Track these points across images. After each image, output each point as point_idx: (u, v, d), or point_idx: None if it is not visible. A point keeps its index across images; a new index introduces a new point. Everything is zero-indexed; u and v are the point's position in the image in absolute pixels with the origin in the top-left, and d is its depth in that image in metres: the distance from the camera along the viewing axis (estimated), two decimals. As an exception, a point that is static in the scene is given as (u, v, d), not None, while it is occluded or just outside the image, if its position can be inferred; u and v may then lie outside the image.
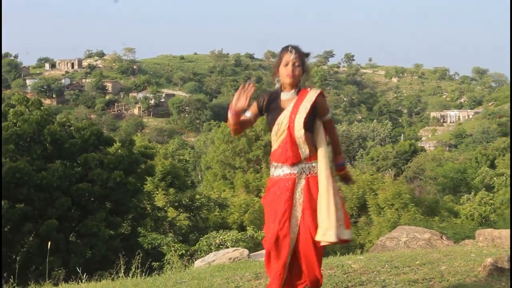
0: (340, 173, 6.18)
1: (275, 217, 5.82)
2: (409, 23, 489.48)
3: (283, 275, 5.83)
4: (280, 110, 5.88)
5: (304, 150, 5.84)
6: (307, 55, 5.96)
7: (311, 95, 5.88)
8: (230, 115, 5.84)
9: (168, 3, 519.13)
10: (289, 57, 5.82)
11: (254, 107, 6.00)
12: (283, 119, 5.84)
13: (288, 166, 5.86)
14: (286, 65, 5.84)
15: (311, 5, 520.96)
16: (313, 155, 5.90)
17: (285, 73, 5.85)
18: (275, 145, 5.97)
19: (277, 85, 6.00)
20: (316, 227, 5.81)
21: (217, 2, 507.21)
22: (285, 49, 5.90)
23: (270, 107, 5.95)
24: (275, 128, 5.88)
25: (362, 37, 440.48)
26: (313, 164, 5.90)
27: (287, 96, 5.92)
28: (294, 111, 5.82)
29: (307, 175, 5.88)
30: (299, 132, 5.79)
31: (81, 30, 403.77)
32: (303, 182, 5.87)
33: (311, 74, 6.13)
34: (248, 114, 6.00)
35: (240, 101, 5.74)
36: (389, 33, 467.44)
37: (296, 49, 5.88)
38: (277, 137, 5.91)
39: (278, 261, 5.81)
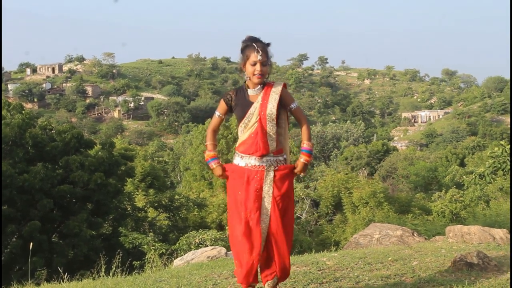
0: (306, 159, 6.08)
1: (246, 208, 5.86)
2: (380, 26, 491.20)
3: (256, 265, 5.86)
4: (249, 103, 5.92)
5: (273, 142, 5.90)
6: (269, 45, 5.97)
7: (277, 87, 5.94)
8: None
9: (146, 9, 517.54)
10: (256, 57, 5.82)
11: (222, 105, 6.07)
12: (253, 112, 5.88)
13: (256, 158, 5.89)
14: (254, 64, 5.83)
15: (286, 10, 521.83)
16: (279, 149, 5.98)
17: (253, 72, 5.86)
18: (243, 137, 5.99)
19: (245, 79, 6.02)
20: (288, 220, 5.96)
21: (194, 7, 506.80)
22: (251, 47, 5.86)
23: (239, 102, 5.98)
24: (245, 120, 5.92)
25: (335, 40, 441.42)
26: (280, 158, 5.99)
27: (254, 92, 5.95)
28: (264, 104, 5.87)
29: (275, 167, 5.92)
30: (271, 123, 5.86)
31: (62, 35, 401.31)
32: (271, 174, 5.91)
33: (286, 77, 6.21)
34: (218, 114, 6.10)
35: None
36: (361, 36, 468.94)
37: (262, 48, 5.86)
38: (246, 129, 5.93)
39: (252, 252, 5.83)
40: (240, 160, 6.00)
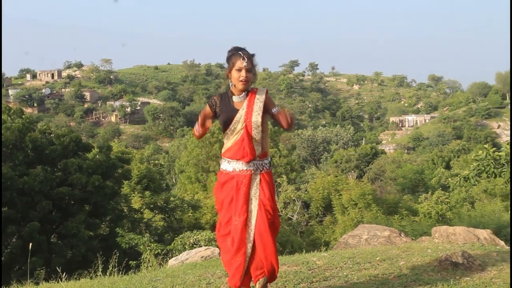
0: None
1: (235, 211, 5.89)
2: (368, 33, 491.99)
3: (243, 266, 5.88)
4: (234, 110, 5.95)
5: (258, 147, 5.93)
6: (253, 55, 6.00)
7: (261, 94, 5.97)
8: (198, 128, 6.06)
9: (142, 17, 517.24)
10: (242, 63, 5.87)
11: (208, 110, 6.09)
12: (239, 119, 5.91)
13: (243, 163, 5.92)
14: (239, 70, 5.87)
15: (279, 17, 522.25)
16: (264, 152, 6.01)
17: (238, 79, 5.89)
18: (229, 143, 6.02)
19: (230, 85, 6.05)
20: (274, 221, 5.98)
21: (188, 15, 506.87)
22: (237, 55, 5.91)
23: (223, 108, 6.00)
24: (231, 127, 5.94)
25: (325, 47, 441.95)
26: (265, 161, 6.03)
27: (238, 99, 5.98)
28: (249, 111, 5.90)
29: (261, 171, 5.97)
30: (258, 128, 5.88)
31: (61, 42, 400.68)
32: (258, 177, 5.95)
33: (277, 82, 6.22)
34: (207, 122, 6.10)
35: (205, 121, 6.03)
36: (350, 42, 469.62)
37: (247, 55, 5.91)
38: (232, 136, 5.96)
39: (239, 252, 5.86)
40: (228, 165, 6.04)
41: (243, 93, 5.98)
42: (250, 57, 5.94)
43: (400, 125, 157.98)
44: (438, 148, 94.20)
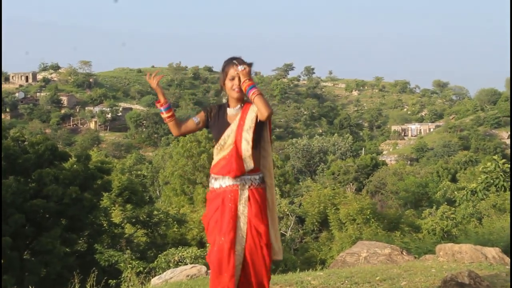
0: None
1: (220, 230, 5.88)
2: (368, 35, 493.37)
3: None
4: (226, 124, 5.98)
5: (249, 164, 5.92)
6: (251, 65, 5.99)
7: (255, 106, 5.91)
8: (161, 113, 6.14)
9: (126, 16, 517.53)
10: (234, 72, 5.89)
11: (201, 115, 6.11)
12: (229, 134, 5.93)
13: (230, 178, 5.92)
14: (232, 79, 5.90)
15: (271, 18, 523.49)
16: (256, 168, 6.00)
17: (231, 87, 5.93)
18: (218, 158, 6.01)
19: (224, 100, 6.07)
20: (264, 237, 5.93)
21: (175, 13, 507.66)
22: (230, 63, 5.95)
23: (217, 121, 6.04)
24: (221, 142, 5.96)
25: (322, 49, 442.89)
26: (255, 176, 6.02)
27: (233, 112, 6.02)
28: (240, 126, 5.92)
29: (250, 186, 5.96)
30: (247, 145, 5.88)
31: (36, 42, 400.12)
32: (246, 193, 5.95)
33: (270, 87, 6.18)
34: (196, 120, 6.09)
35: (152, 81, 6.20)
36: (349, 45, 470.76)
37: (241, 62, 5.93)
38: (222, 150, 5.97)
39: (226, 274, 5.84)
40: (215, 182, 6.06)
41: (239, 105, 6.01)
42: (244, 64, 5.93)
43: (403, 134, 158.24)
44: (444, 159, 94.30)
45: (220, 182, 5.98)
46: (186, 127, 6.11)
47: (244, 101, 6.04)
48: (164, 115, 6.05)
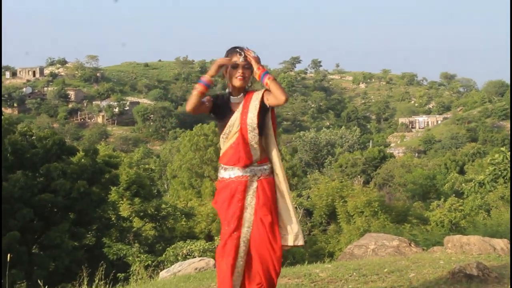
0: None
1: (226, 220, 5.88)
2: (376, 27, 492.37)
3: (231, 278, 5.85)
4: (230, 112, 5.94)
5: (256, 151, 5.90)
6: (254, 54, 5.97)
7: (258, 94, 5.91)
8: (200, 84, 5.92)
9: (132, 9, 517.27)
10: (238, 59, 5.86)
11: (209, 99, 6.04)
12: (234, 121, 5.89)
13: (239, 168, 5.90)
14: (235, 67, 5.87)
15: (277, 11, 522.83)
16: (264, 158, 5.98)
17: (234, 76, 5.90)
18: (225, 147, 5.99)
19: (227, 89, 6.04)
20: (271, 229, 5.90)
21: (182, 8, 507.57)
22: (233, 51, 5.92)
23: (221, 109, 6.00)
24: (226, 130, 5.92)
25: (329, 42, 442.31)
26: (265, 167, 5.99)
27: (236, 100, 5.97)
28: (244, 112, 5.88)
29: (259, 177, 5.94)
30: (252, 132, 5.86)
31: (43, 38, 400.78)
32: (255, 184, 5.92)
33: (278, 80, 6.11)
34: (204, 99, 5.99)
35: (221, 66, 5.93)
36: (356, 38, 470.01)
37: (244, 51, 5.89)
38: (228, 139, 5.93)
39: (226, 263, 5.84)
40: (224, 172, 6.02)
41: (242, 93, 5.98)
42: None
43: (410, 126, 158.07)
44: (451, 151, 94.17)
45: (229, 173, 5.95)
46: (199, 109, 6.05)
47: (246, 89, 6.01)
48: (199, 88, 5.89)
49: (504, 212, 25.32)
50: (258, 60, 5.88)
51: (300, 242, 6.03)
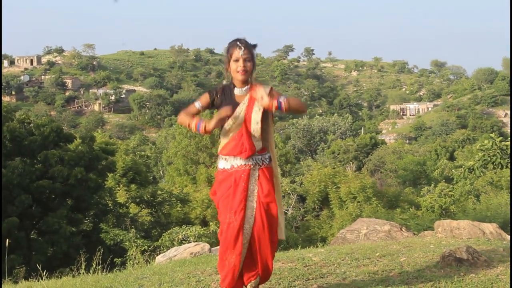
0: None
1: (231, 209, 5.86)
2: (367, 16, 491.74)
3: (238, 267, 5.87)
4: (235, 104, 5.89)
5: (259, 142, 5.90)
6: (255, 46, 5.96)
7: (265, 88, 5.78)
8: (202, 129, 5.78)
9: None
10: (239, 53, 5.82)
11: (205, 98, 6.02)
12: (239, 113, 5.85)
13: (242, 158, 5.89)
14: (237, 61, 5.84)
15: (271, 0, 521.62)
16: (264, 147, 5.99)
17: (236, 69, 5.86)
18: (226, 139, 5.95)
19: (226, 81, 6.03)
20: (275, 219, 5.96)
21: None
22: (234, 45, 5.87)
23: (225, 100, 5.95)
24: (229, 122, 5.86)
25: (322, 31, 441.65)
26: (265, 156, 6.01)
27: (240, 92, 5.93)
28: (250, 106, 5.85)
29: (260, 166, 5.95)
30: (257, 125, 5.85)
31: (40, 26, 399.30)
32: (257, 173, 5.93)
33: (271, 69, 6.10)
34: (197, 105, 6.02)
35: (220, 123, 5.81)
36: (348, 26, 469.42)
37: (245, 44, 5.86)
38: (231, 131, 5.90)
39: (233, 252, 5.85)
40: (225, 163, 5.99)
41: (246, 86, 5.95)
42: (248, 46, 5.88)
43: (401, 113, 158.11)
44: (442, 138, 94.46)
45: (231, 163, 5.94)
46: (189, 114, 6.03)
47: (250, 82, 5.98)
48: (193, 129, 5.83)
49: (493, 197, 25.38)
50: (269, 90, 5.75)
51: (282, 236, 6.11)
